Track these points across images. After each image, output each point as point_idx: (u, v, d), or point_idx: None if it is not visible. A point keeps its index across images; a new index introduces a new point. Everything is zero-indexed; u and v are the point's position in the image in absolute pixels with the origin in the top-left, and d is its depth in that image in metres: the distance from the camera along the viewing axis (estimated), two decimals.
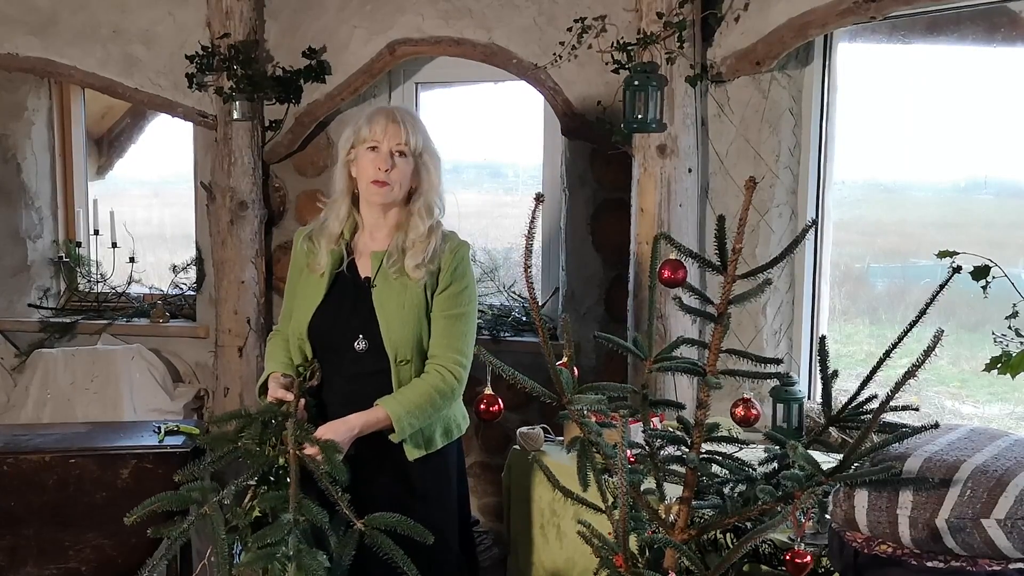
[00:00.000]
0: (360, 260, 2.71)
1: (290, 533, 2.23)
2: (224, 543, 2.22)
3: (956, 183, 3.50)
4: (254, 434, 2.43)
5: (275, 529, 2.24)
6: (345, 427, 2.51)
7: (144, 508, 2.26)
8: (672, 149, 3.43)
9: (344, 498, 2.32)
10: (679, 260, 2.12)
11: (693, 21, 3.40)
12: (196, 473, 2.34)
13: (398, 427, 2.55)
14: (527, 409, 3.89)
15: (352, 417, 2.53)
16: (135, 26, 4.22)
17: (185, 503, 2.27)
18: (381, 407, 2.56)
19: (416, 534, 2.28)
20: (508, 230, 4.52)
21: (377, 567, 2.32)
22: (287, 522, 2.25)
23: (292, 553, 2.20)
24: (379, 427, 2.56)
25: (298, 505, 2.28)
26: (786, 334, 3.59)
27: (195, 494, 2.28)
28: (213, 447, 2.44)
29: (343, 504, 2.31)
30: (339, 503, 2.31)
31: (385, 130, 2.60)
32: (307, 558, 2.20)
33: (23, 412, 4.44)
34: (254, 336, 4.22)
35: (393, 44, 3.94)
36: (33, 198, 4.82)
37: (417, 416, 2.57)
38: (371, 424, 2.55)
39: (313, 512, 2.28)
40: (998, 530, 1.82)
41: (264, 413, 2.50)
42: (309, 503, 2.30)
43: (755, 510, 2.07)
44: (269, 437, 2.45)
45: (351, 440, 2.52)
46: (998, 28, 3.16)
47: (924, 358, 1.79)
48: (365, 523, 2.29)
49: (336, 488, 2.33)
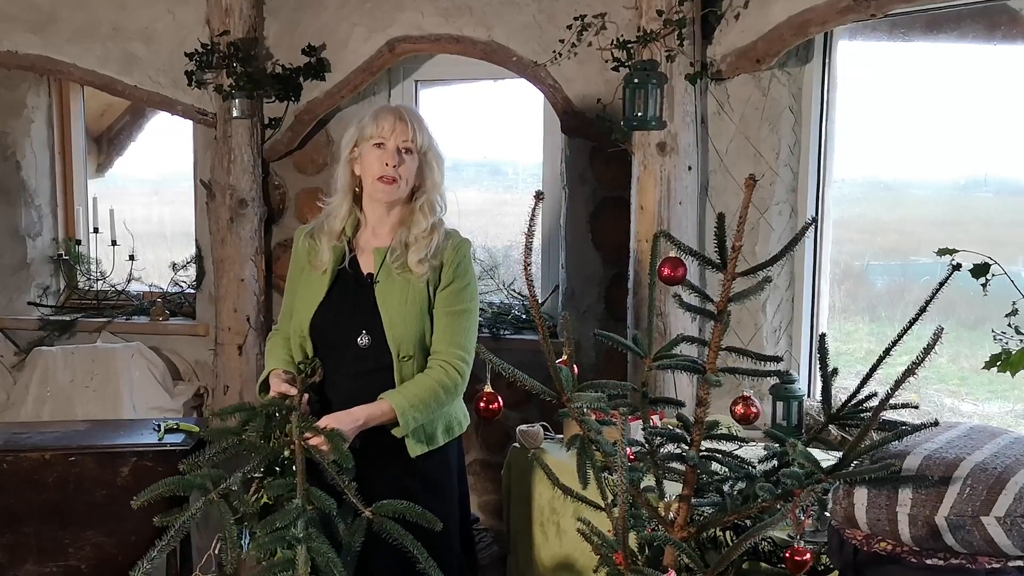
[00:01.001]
0: (362, 257, 2.71)
1: (299, 517, 2.23)
2: (233, 528, 2.22)
3: (956, 181, 3.50)
4: (258, 427, 2.44)
5: (284, 514, 2.24)
6: (350, 418, 2.51)
7: (151, 492, 2.24)
8: (672, 147, 3.43)
9: (351, 486, 2.32)
10: (679, 258, 2.12)
11: (693, 19, 3.40)
12: (200, 463, 2.34)
13: (402, 420, 2.55)
14: (527, 407, 3.89)
15: (357, 409, 2.54)
16: (134, 24, 4.22)
17: (192, 487, 2.27)
18: (386, 400, 2.56)
19: (425, 520, 2.28)
20: (508, 228, 4.53)
21: (380, 557, 2.32)
22: (296, 507, 2.26)
23: (301, 536, 2.20)
24: (383, 420, 2.57)
25: (305, 493, 2.29)
26: (786, 332, 3.59)
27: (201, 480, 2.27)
28: (216, 440, 2.44)
29: (350, 492, 2.31)
30: (346, 491, 2.31)
31: (393, 127, 2.62)
32: (317, 541, 2.21)
33: (23, 410, 4.44)
34: (254, 334, 4.21)
35: (393, 42, 3.94)
36: (33, 196, 4.82)
37: (421, 411, 2.58)
38: (375, 417, 2.55)
39: (321, 499, 2.28)
40: (997, 528, 1.82)
41: (268, 406, 2.50)
42: (316, 490, 2.30)
43: (755, 508, 2.07)
44: (273, 430, 2.45)
45: (356, 431, 2.52)
46: (998, 26, 3.16)
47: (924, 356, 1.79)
48: (373, 511, 2.29)
49: (343, 477, 2.33)
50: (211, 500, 2.24)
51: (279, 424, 2.46)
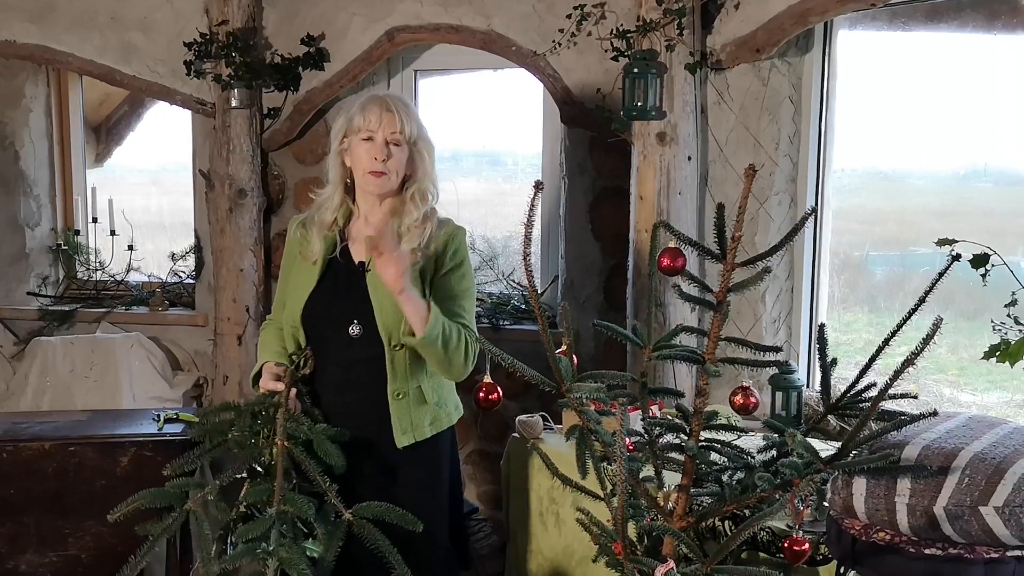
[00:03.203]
0: (354, 246, 2.69)
1: (272, 528, 2.23)
2: (209, 539, 2.22)
3: (956, 171, 3.50)
4: (243, 426, 2.43)
5: (257, 524, 2.24)
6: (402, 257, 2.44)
7: (126, 506, 2.26)
8: (671, 137, 3.43)
9: (332, 488, 2.32)
10: (678, 248, 2.12)
11: (693, 8, 3.38)
12: (187, 466, 2.34)
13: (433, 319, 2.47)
14: (526, 397, 3.89)
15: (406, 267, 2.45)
16: (133, 13, 4.20)
17: (169, 500, 2.26)
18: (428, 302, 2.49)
19: (404, 523, 2.28)
20: (507, 218, 4.52)
21: (366, 556, 2.32)
22: (268, 516, 2.25)
23: (273, 548, 2.20)
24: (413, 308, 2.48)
25: (283, 497, 2.28)
26: (785, 322, 3.59)
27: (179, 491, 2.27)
28: (206, 440, 2.44)
29: (331, 494, 2.31)
30: (327, 493, 2.31)
31: (380, 119, 2.58)
32: (287, 551, 2.20)
33: (22, 400, 4.44)
34: (253, 324, 4.21)
35: (392, 31, 3.93)
36: (31, 186, 4.81)
37: (446, 334, 2.51)
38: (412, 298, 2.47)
39: (299, 504, 2.28)
40: (996, 517, 1.82)
41: (253, 405, 2.49)
42: (294, 495, 2.30)
43: (753, 498, 2.07)
44: (261, 428, 2.45)
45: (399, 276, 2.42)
46: (998, 15, 3.16)
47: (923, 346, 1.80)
48: (353, 513, 2.29)
49: (324, 478, 2.33)
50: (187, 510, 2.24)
51: (267, 422, 2.45)
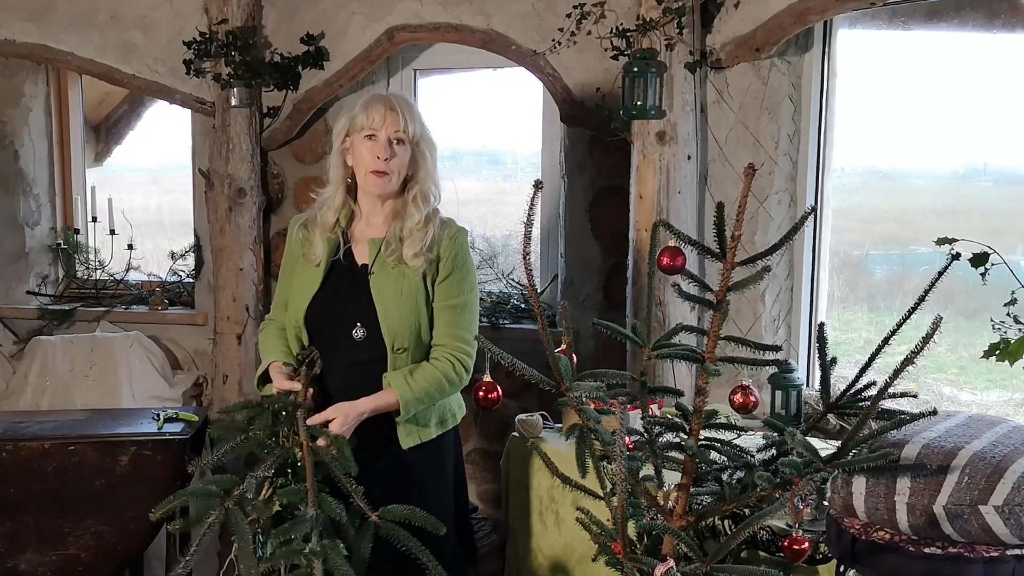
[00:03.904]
0: (357, 248, 2.70)
1: (313, 529, 2.24)
2: (249, 538, 2.21)
3: (955, 170, 3.50)
4: (264, 424, 2.43)
5: (298, 525, 2.25)
6: (355, 411, 2.52)
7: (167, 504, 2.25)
8: (671, 136, 3.43)
9: (358, 491, 2.32)
10: (678, 247, 2.12)
11: (692, 7, 3.38)
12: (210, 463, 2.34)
13: (404, 412, 2.56)
14: (526, 396, 3.89)
15: (362, 401, 2.54)
16: (132, 12, 4.20)
17: (209, 497, 2.26)
18: (393, 391, 2.55)
19: (429, 525, 2.29)
20: (507, 217, 4.52)
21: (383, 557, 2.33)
22: (310, 517, 2.26)
23: (318, 549, 2.21)
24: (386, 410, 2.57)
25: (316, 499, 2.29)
26: (785, 321, 3.59)
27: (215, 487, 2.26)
28: (223, 437, 2.44)
29: (357, 496, 2.32)
30: (353, 495, 2.32)
31: (384, 118, 2.58)
32: (332, 553, 2.22)
33: (22, 399, 4.44)
34: (253, 323, 4.21)
35: (392, 30, 3.92)
36: (31, 185, 4.81)
37: (423, 402, 2.59)
38: (380, 409, 2.56)
39: (331, 507, 2.29)
40: (995, 516, 1.82)
41: (274, 402, 2.49)
42: (327, 497, 2.30)
43: (753, 497, 2.07)
44: (280, 427, 2.45)
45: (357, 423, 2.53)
46: (998, 14, 3.16)
47: (923, 345, 1.80)
48: (379, 515, 2.30)
49: (350, 481, 2.33)
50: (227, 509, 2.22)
51: (286, 421, 2.46)
